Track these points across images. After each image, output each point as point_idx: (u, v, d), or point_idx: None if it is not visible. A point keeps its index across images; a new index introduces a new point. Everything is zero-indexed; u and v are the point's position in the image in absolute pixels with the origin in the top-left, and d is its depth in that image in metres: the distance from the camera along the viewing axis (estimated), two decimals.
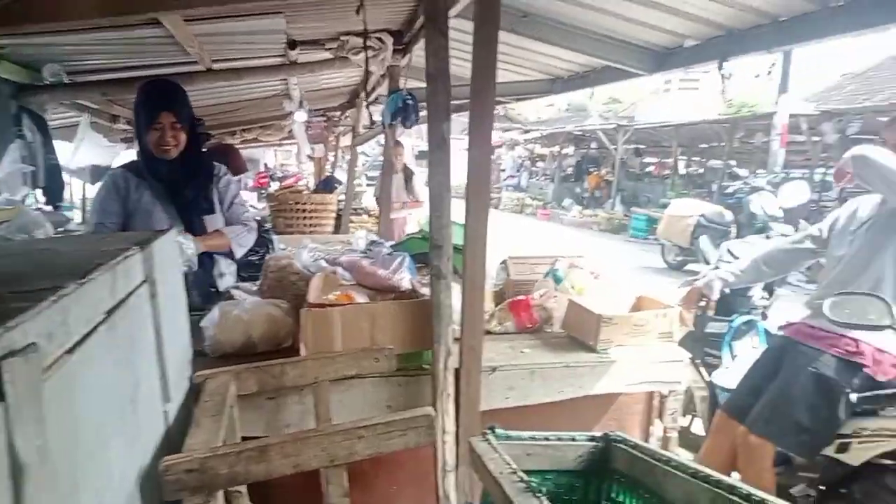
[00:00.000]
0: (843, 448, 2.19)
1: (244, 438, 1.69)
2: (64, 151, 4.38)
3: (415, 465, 2.10)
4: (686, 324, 2.62)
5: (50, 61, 3.31)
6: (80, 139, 4.64)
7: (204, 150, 2.83)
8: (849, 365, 2.19)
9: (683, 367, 2.36)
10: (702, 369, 3.25)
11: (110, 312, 1.06)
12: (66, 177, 4.68)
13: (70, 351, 0.86)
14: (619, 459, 1.66)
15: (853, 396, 2.14)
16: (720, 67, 3.20)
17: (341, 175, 8.81)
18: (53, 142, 4.04)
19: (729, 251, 3.41)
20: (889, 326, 2.00)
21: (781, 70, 9.71)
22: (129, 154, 2.78)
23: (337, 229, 6.12)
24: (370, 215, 7.04)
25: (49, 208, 4.02)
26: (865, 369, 2.17)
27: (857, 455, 2.16)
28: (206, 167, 2.65)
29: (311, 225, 5.70)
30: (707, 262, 3.93)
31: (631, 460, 1.63)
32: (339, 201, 6.58)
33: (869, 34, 2.52)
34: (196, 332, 2.01)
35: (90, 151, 4.82)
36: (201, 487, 1.15)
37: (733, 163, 14.10)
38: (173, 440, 1.40)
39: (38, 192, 3.91)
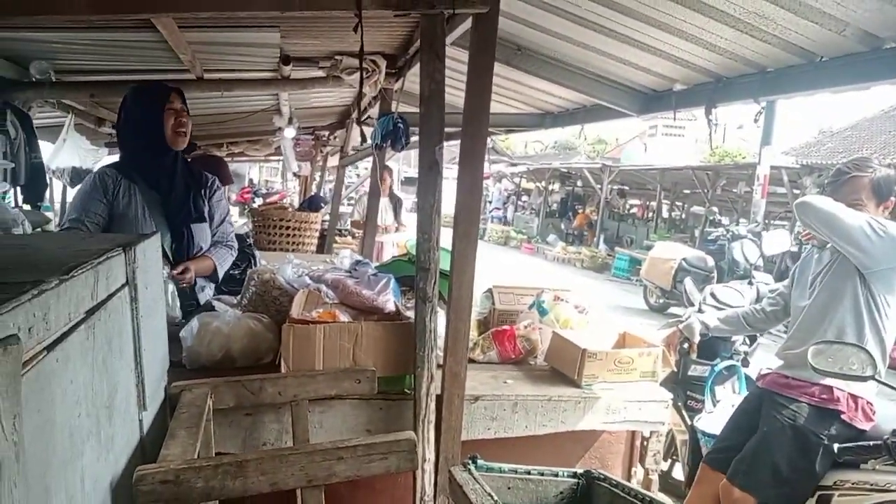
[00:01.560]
0: (824, 500, 2.17)
1: (218, 454, 1.63)
2: (45, 151, 4.28)
3: (392, 491, 2.04)
4: (669, 365, 2.61)
5: (38, 58, 3.24)
6: (63, 139, 4.56)
7: (189, 159, 2.80)
8: (824, 412, 2.19)
9: (666, 408, 2.34)
10: (683, 412, 3.23)
11: (90, 312, 1.02)
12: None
13: (49, 348, 0.82)
14: (600, 498, 1.63)
15: (834, 447, 2.13)
16: (708, 113, 3.23)
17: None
18: (38, 141, 3.96)
19: (712, 294, 3.42)
20: (872, 377, 2.00)
21: (764, 122, 9.91)
22: (113, 159, 2.71)
23: (321, 249, 6.07)
24: (354, 237, 7.00)
25: (27, 207, 3.93)
26: (842, 415, 2.16)
27: None
28: (197, 174, 2.61)
29: (294, 243, 5.64)
30: (691, 304, 3.94)
31: (612, 499, 1.60)
32: (324, 221, 6.55)
33: (848, 90, 2.63)
34: (174, 342, 1.96)
35: (72, 153, 4.73)
36: (175, 500, 1.10)
37: (715, 209, 14.34)
38: (147, 450, 1.35)
39: (17, 189, 3.81)
